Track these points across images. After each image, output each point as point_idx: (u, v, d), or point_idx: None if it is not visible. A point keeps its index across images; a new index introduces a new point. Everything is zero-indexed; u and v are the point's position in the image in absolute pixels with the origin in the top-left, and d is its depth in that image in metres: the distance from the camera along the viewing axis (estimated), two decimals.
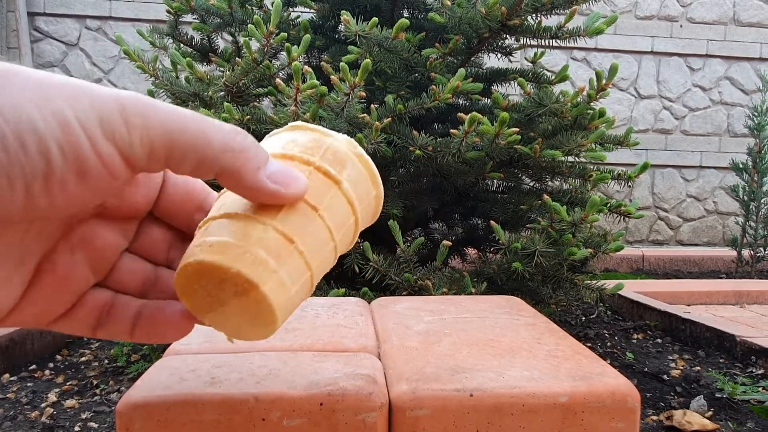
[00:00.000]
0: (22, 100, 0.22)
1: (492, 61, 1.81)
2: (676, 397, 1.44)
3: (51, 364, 1.60)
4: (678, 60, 4.58)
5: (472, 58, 1.66)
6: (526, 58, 1.79)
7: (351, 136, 1.32)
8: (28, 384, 1.46)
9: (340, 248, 0.33)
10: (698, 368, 1.67)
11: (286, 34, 1.37)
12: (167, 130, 0.25)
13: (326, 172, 0.31)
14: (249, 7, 1.72)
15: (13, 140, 0.21)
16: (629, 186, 4.38)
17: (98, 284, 0.30)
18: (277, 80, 1.27)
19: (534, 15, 1.45)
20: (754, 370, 1.65)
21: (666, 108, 4.60)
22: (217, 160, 0.26)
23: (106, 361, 1.60)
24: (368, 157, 0.34)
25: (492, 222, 1.38)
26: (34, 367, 1.58)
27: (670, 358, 1.77)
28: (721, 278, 3.41)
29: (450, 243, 1.36)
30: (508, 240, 1.34)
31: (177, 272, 0.29)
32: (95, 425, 1.23)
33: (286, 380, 0.40)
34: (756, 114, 3.50)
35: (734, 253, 3.58)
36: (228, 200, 0.30)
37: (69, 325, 0.29)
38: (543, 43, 1.53)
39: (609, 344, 1.88)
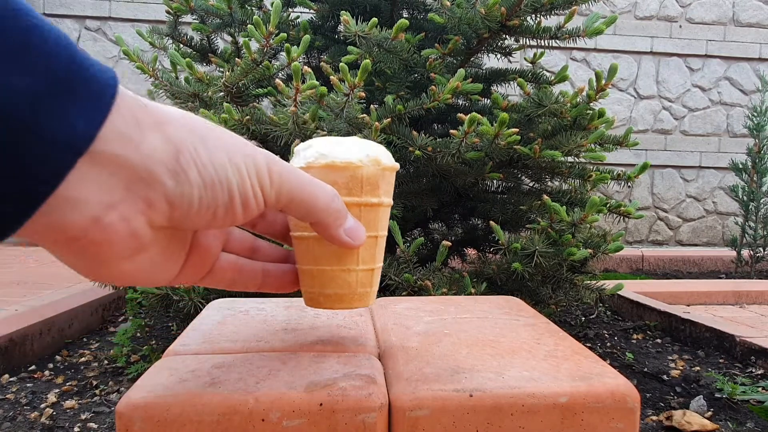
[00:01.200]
0: (222, 156, 0.33)
1: (491, 61, 1.81)
2: (675, 397, 1.44)
3: (50, 365, 1.60)
4: (677, 60, 4.58)
5: (472, 59, 1.66)
6: (525, 59, 1.79)
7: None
8: (28, 385, 1.46)
9: None
10: (698, 368, 1.67)
11: (285, 34, 1.37)
12: (290, 188, 0.37)
13: (372, 204, 0.45)
14: (248, 8, 1.72)
15: (218, 184, 0.33)
16: (629, 186, 4.38)
17: (223, 251, 0.43)
18: (277, 81, 1.27)
19: (533, 15, 1.45)
20: (753, 371, 1.65)
21: (665, 108, 4.60)
22: (317, 215, 0.39)
23: (106, 362, 1.60)
24: (391, 161, 0.46)
25: (491, 222, 1.38)
26: (33, 367, 1.58)
27: (670, 358, 1.77)
28: (720, 278, 3.41)
29: (449, 243, 1.36)
30: (508, 240, 1.34)
31: (307, 304, 0.47)
32: (95, 426, 1.23)
33: (286, 381, 0.40)
34: (755, 114, 3.50)
35: (734, 253, 3.58)
36: (317, 249, 0.44)
37: (212, 281, 0.42)
38: (542, 44, 1.53)
39: (609, 344, 1.88)
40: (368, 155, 0.44)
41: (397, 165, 0.47)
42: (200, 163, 0.32)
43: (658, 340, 1.97)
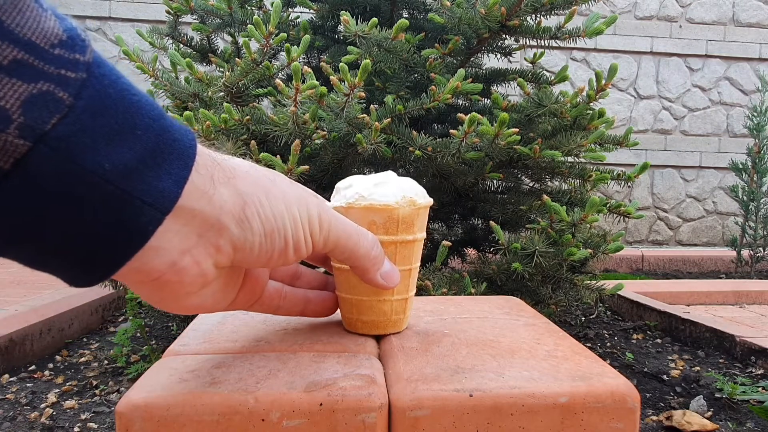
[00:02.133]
0: (281, 207, 0.37)
1: (491, 61, 1.81)
2: (675, 397, 1.44)
3: (50, 365, 1.60)
4: (677, 60, 4.58)
5: (472, 59, 1.66)
6: (525, 59, 1.79)
7: (351, 137, 1.31)
8: (28, 385, 1.46)
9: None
10: (698, 368, 1.67)
11: (285, 34, 1.37)
12: (337, 236, 0.41)
13: (407, 241, 0.48)
14: (248, 8, 1.72)
15: (276, 232, 0.37)
16: (629, 186, 4.38)
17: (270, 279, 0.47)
18: (277, 81, 1.27)
19: (533, 15, 1.45)
20: (753, 371, 1.65)
21: (665, 108, 4.60)
22: (357, 260, 0.43)
23: (106, 362, 1.60)
24: (425, 199, 0.49)
25: (491, 222, 1.38)
26: (33, 367, 1.58)
27: (670, 358, 1.77)
28: (720, 278, 3.41)
29: (449, 243, 1.36)
30: (508, 240, 1.34)
31: (345, 327, 0.52)
32: (95, 426, 1.23)
33: (286, 381, 0.40)
34: (755, 114, 3.50)
35: (734, 253, 3.58)
36: (355, 280, 0.47)
37: (261, 307, 0.46)
38: (542, 44, 1.53)
39: (609, 344, 1.88)
40: (404, 196, 0.48)
41: (431, 200, 0.51)
42: (263, 214, 0.36)
43: (658, 340, 1.97)
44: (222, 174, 0.34)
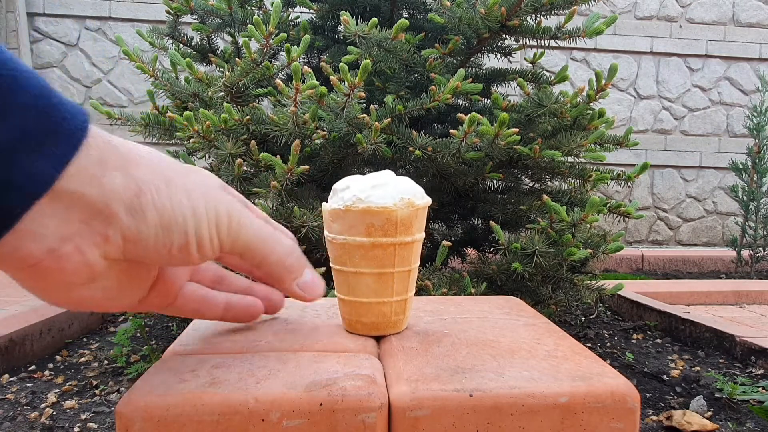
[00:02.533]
0: (183, 199, 0.35)
1: (491, 61, 1.81)
2: (675, 397, 1.44)
3: (50, 365, 1.60)
4: (677, 60, 4.58)
5: (472, 59, 1.66)
6: (525, 59, 1.79)
7: (351, 137, 1.31)
8: (28, 384, 1.46)
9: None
10: (698, 368, 1.67)
11: (285, 34, 1.37)
12: (248, 239, 0.39)
13: (405, 243, 0.48)
14: (248, 8, 1.72)
15: (174, 225, 0.34)
16: (629, 186, 4.38)
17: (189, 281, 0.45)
18: (277, 81, 1.27)
19: (533, 15, 1.45)
20: (753, 371, 1.65)
21: (665, 108, 4.60)
22: (269, 266, 0.41)
23: (106, 362, 1.60)
24: (424, 200, 0.49)
25: (491, 222, 1.38)
26: (33, 367, 1.58)
27: (670, 358, 1.77)
28: (720, 278, 3.41)
29: (449, 243, 1.36)
30: (508, 240, 1.34)
31: (345, 329, 0.52)
32: (95, 426, 1.23)
33: (286, 380, 0.40)
34: (755, 114, 3.50)
35: (734, 253, 3.58)
36: (354, 281, 0.49)
37: (176, 310, 0.44)
38: (542, 44, 1.53)
39: (609, 344, 1.88)
40: (402, 198, 0.47)
41: (429, 200, 0.50)
42: (159, 204, 0.34)
43: (658, 340, 1.97)
44: (118, 159, 0.32)
